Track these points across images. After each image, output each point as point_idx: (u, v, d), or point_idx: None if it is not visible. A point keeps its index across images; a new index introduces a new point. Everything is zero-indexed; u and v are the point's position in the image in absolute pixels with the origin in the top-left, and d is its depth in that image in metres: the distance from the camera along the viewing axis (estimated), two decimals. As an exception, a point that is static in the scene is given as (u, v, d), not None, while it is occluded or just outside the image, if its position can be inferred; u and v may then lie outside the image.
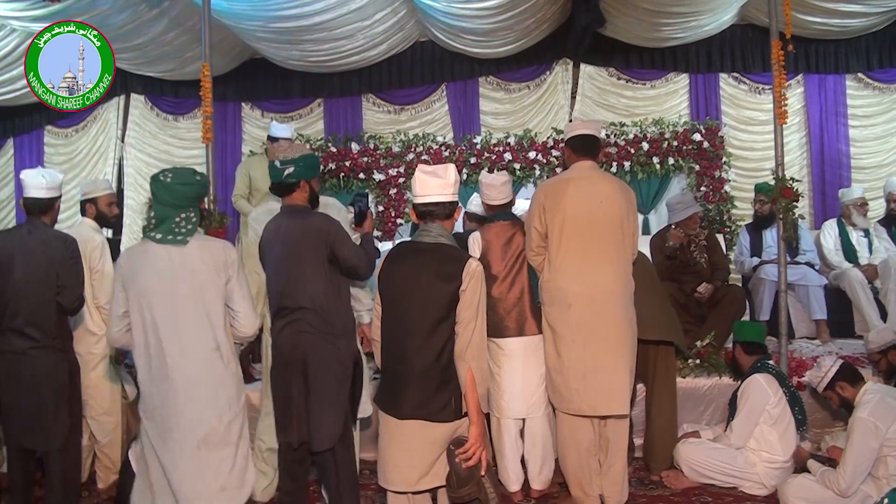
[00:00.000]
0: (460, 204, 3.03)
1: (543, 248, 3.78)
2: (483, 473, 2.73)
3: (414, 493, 2.83)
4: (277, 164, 3.43)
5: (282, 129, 5.95)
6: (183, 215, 2.97)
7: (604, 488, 3.83)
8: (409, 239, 3.06)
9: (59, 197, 3.97)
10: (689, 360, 4.81)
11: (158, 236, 2.95)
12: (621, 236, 3.72)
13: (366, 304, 3.73)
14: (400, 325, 2.80)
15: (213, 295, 2.99)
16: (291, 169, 3.41)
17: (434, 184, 2.83)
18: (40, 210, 3.85)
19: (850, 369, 3.98)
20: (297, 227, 3.39)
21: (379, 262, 2.92)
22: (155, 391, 2.96)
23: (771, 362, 4.35)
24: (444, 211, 2.87)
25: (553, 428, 4.00)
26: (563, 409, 3.74)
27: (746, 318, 5.32)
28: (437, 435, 2.74)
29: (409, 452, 2.75)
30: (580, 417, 3.72)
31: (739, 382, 4.38)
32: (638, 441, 4.51)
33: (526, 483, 4.17)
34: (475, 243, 4.10)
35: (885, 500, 2.33)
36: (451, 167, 2.89)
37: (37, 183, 3.82)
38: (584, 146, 3.84)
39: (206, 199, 4.38)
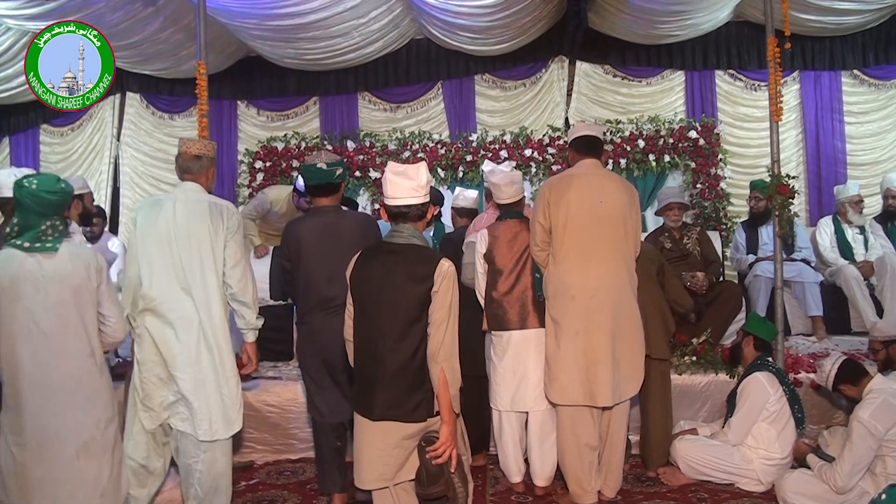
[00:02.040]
0: (435, 202, 3.03)
1: (548, 243, 3.84)
2: (453, 471, 2.73)
3: (395, 484, 2.84)
4: (324, 166, 3.66)
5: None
6: (49, 223, 2.98)
7: (602, 479, 3.91)
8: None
9: None
10: (686, 357, 4.83)
11: (26, 244, 2.94)
12: (624, 232, 3.79)
13: (250, 323, 3.63)
14: (372, 327, 2.78)
15: (87, 301, 3.04)
16: (341, 170, 3.73)
17: (406, 186, 2.78)
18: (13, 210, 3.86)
19: (851, 368, 3.95)
20: (347, 224, 3.71)
21: (351, 262, 2.90)
22: (28, 403, 2.93)
23: (770, 359, 4.36)
24: (417, 213, 2.82)
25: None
26: (565, 400, 3.76)
27: (743, 314, 5.33)
28: (411, 433, 2.75)
29: (384, 451, 2.75)
30: (580, 411, 3.76)
31: (738, 380, 4.39)
32: (633, 438, 4.52)
33: (528, 476, 4.18)
34: (482, 239, 4.13)
35: (884, 496, 2.32)
36: (423, 167, 2.84)
37: (9, 183, 3.83)
38: (588, 146, 3.96)
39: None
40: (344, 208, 3.97)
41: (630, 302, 3.79)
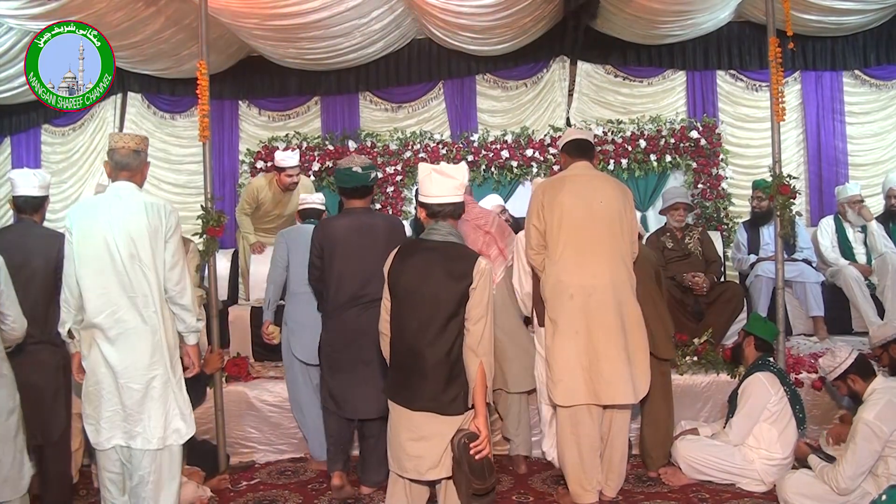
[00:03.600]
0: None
1: (543, 246, 3.86)
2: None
3: (413, 481, 2.90)
4: (359, 170, 3.88)
5: (290, 159, 6.06)
6: None
7: (603, 479, 3.92)
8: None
9: (48, 197, 4.04)
10: (687, 358, 4.83)
11: None
12: (620, 231, 3.81)
13: (190, 326, 3.52)
14: (411, 321, 2.86)
15: None
16: (374, 173, 3.97)
17: (450, 185, 2.92)
18: (33, 208, 3.91)
19: (865, 363, 3.96)
20: (379, 224, 3.96)
21: (389, 258, 2.98)
22: None
23: (772, 360, 4.36)
24: (457, 211, 2.96)
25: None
26: (570, 401, 3.77)
27: (744, 315, 5.33)
28: (446, 428, 2.81)
29: (421, 442, 2.83)
30: (581, 411, 3.76)
31: (739, 380, 4.39)
32: (633, 438, 4.52)
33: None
34: (520, 241, 4.18)
35: (884, 497, 2.33)
36: (464, 167, 3.01)
37: (29, 182, 3.88)
38: (578, 149, 4.02)
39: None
40: (371, 208, 4.20)
41: (631, 300, 3.80)
